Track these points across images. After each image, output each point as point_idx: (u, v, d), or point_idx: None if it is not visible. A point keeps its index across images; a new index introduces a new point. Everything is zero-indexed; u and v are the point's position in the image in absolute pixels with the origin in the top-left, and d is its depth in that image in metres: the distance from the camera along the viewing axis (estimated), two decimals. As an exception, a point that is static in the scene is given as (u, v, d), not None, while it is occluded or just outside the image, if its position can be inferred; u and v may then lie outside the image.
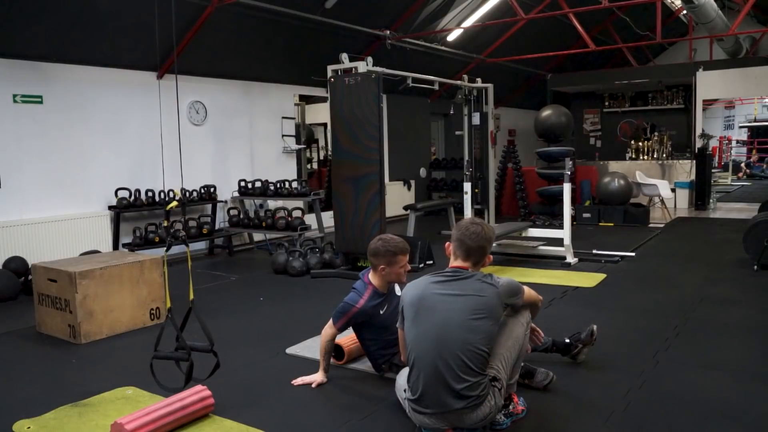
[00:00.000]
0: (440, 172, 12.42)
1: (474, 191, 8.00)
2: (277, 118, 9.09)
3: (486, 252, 2.78)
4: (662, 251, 7.35)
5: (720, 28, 10.31)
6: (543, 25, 11.60)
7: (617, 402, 3.04)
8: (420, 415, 2.67)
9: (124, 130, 7.16)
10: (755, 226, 6.17)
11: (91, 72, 6.84)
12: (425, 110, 12.29)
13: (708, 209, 11.26)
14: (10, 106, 6.18)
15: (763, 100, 20.43)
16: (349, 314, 3.30)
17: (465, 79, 8.38)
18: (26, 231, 6.22)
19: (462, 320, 2.60)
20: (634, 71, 13.35)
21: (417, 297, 2.72)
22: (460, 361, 2.56)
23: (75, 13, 6.20)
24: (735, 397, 3.09)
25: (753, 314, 4.56)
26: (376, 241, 3.36)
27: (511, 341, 2.78)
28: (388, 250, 3.29)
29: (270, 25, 7.96)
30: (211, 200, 7.86)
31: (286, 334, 4.27)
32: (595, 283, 5.70)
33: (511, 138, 14.74)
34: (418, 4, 9.28)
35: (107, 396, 3.29)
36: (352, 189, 6.19)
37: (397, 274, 3.34)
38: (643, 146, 12.93)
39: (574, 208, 9.10)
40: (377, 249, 3.32)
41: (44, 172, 6.47)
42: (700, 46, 14.12)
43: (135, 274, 4.62)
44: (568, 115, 10.48)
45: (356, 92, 6.08)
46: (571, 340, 3.53)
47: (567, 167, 6.76)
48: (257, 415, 3.02)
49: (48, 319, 4.54)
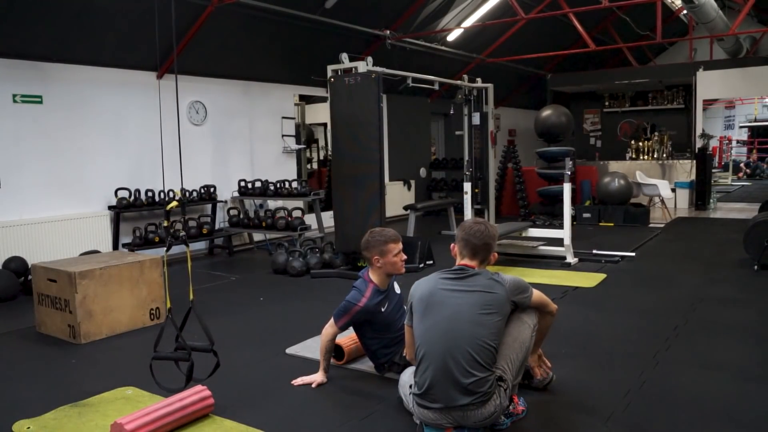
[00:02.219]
0: (440, 172, 12.42)
1: (474, 191, 8.00)
2: (277, 118, 9.09)
3: (491, 249, 2.84)
4: (662, 251, 7.35)
5: (720, 28, 10.30)
6: (543, 25, 11.59)
7: (617, 402, 3.04)
8: (424, 410, 2.68)
9: (124, 130, 7.16)
10: (755, 226, 6.17)
11: (91, 72, 6.84)
12: (425, 110, 12.28)
13: (708, 209, 11.25)
14: (10, 106, 6.18)
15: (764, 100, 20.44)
16: (352, 313, 3.30)
17: (465, 79, 8.38)
18: (26, 231, 6.22)
19: (471, 315, 2.64)
20: (634, 71, 13.34)
21: (427, 293, 2.77)
22: (468, 355, 2.59)
23: (75, 13, 6.20)
24: (735, 397, 3.09)
25: (753, 314, 4.56)
26: (366, 236, 3.40)
27: (517, 343, 2.80)
28: (377, 240, 3.32)
29: (270, 25, 7.95)
30: (211, 200, 7.86)
31: (286, 334, 4.27)
32: (595, 283, 5.70)
33: (511, 138, 14.74)
34: (418, 4, 9.28)
35: (107, 396, 3.29)
36: (352, 189, 6.19)
37: (393, 263, 3.34)
38: (643, 146, 12.92)
39: (574, 208, 9.10)
40: (367, 242, 3.35)
41: (44, 172, 6.47)
42: (700, 46, 14.11)
43: (135, 274, 4.62)
44: (568, 115, 10.49)
45: (356, 92, 6.08)
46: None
47: (567, 167, 6.76)
48: (257, 415, 3.02)
49: (48, 319, 4.54)
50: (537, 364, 3.16)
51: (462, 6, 10.13)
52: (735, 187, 16.64)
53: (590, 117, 14.71)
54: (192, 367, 3.09)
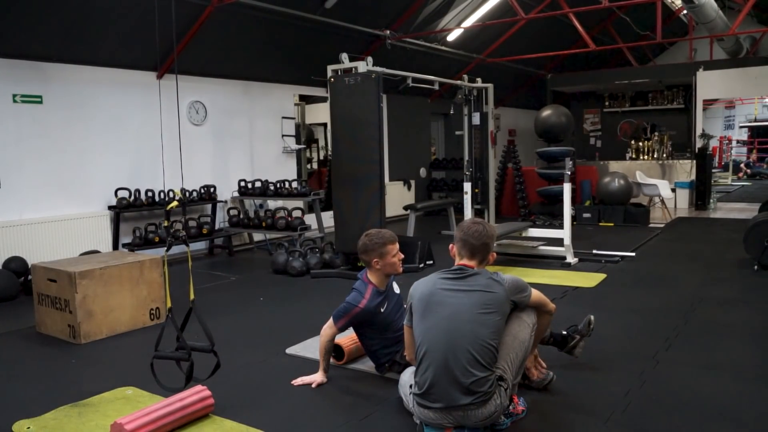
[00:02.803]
0: (440, 172, 12.42)
1: (474, 191, 8.01)
2: (277, 118, 9.09)
3: (490, 249, 2.85)
4: (662, 251, 7.35)
5: (720, 28, 10.30)
6: (543, 25, 11.59)
7: (617, 402, 3.04)
8: (425, 410, 2.68)
9: (124, 130, 7.16)
10: (756, 226, 6.17)
11: (91, 72, 6.84)
12: (425, 110, 12.28)
13: (708, 209, 11.25)
14: (10, 106, 6.18)
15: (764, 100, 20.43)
16: (352, 314, 3.30)
17: (465, 79, 8.38)
18: (26, 231, 6.22)
19: (471, 314, 2.65)
20: (634, 71, 13.34)
21: (427, 293, 2.78)
22: (469, 355, 2.59)
23: (75, 13, 6.19)
24: (735, 397, 3.09)
25: (753, 314, 4.56)
26: (362, 238, 3.40)
27: (517, 342, 2.81)
28: (375, 243, 3.33)
29: (270, 25, 7.95)
30: (211, 200, 7.86)
31: (286, 334, 4.27)
32: (595, 283, 5.70)
33: (511, 138, 14.74)
34: (418, 4, 9.28)
35: (107, 396, 3.29)
36: (352, 189, 6.19)
37: (392, 264, 3.36)
38: (644, 146, 12.92)
39: (574, 208, 9.10)
40: (365, 245, 3.35)
41: (44, 172, 6.47)
42: (700, 46, 14.10)
43: (135, 274, 4.62)
44: (568, 115, 10.48)
45: (356, 92, 6.08)
46: (569, 332, 3.52)
47: (567, 167, 6.76)
48: (257, 415, 3.02)
49: (48, 319, 4.54)
50: (533, 364, 3.17)
51: (462, 6, 10.13)
52: (735, 187, 16.64)
53: (590, 117, 14.71)
54: (192, 367, 3.09)
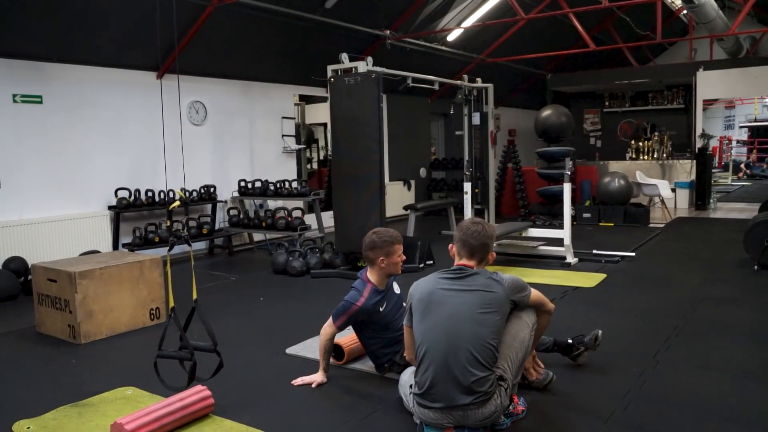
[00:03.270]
0: (440, 172, 12.42)
1: (474, 191, 8.00)
2: (277, 118, 9.09)
3: (489, 249, 2.85)
4: (662, 251, 7.35)
5: (720, 28, 10.30)
6: (543, 25, 11.58)
7: (617, 402, 3.04)
8: (425, 409, 2.69)
9: (124, 130, 7.16)
10: (755, 226, 6.17)
11: (91, 72, 6.84)
12: (425, 110, 12.28)
13: (708, 209, 11.25)
14: (10, 106, 6.18)
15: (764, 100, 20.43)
16: (350, 312, 3.30)
17: (465, 79, 8.38)
18: (26, 231, 6.22)
19: (471, 314, 2.65)
20: (634, 71, 13.34)
21: (427, 293, 2.78)
22: (469, 354, 2.59)
23: (75, 13, 6.19)
24: (735, 397, 3.09)
25: (753, 314, 4.56)
26: (370, 235, 3.39)
27: (517, 342, 2.81)
28: (384, 241, 3.33)
29: (270, 25, 7.95)
30: (211, 200, 7.86)
31: (286, 334, 4.27)
32: (595, 283, 5.70)
33: (511, 138, 14.74)
34: (418, 4, 9.28)
35: (107, 396, 3.29)
36: (352, 189, 6.19)
37: (396, 264, 3.37)
38: (643, 146, 12.92)
39: (574, 208, 9.10)
40: (374, 241, 3.34)
41: (44, 172, 6.47)
42: (700, 46, 14.10)
43: (135, 274, 4.62)
44: (568, 115, 10.48)
45: (356, 92, 6.08)
46: (574, 341, 3.53)
47: (567, 167, 6.75)
48: (257, 415, 3.02)
49: (48, 319, 4.54)
50: (532, 365, 3.17)
51: (462, 6, 10.13)
52: (735, 187, 16.64)
53: (590, 117, 14.71)
54: (195, 367, 3.09)
